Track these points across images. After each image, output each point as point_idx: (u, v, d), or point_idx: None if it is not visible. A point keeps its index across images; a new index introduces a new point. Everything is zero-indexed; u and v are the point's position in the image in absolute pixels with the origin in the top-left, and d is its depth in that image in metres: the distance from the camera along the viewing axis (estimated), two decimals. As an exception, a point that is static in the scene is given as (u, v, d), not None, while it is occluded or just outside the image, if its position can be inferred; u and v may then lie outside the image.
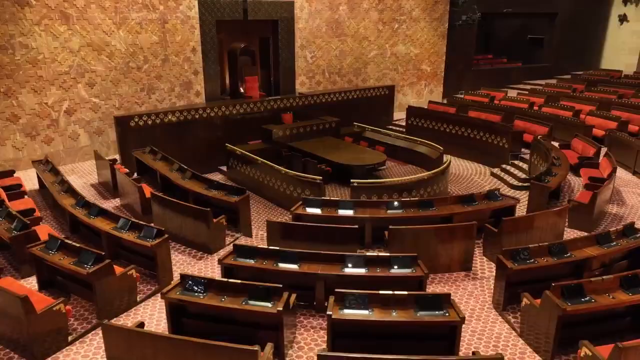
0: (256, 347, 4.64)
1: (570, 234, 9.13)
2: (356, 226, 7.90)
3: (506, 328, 6.57)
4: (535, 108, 16.89)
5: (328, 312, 5.44)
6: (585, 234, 8.56)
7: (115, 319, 6.60)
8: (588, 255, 7.03)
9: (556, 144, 13.99)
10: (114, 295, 6.59)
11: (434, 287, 7.60)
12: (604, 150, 13.14)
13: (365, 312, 5.51)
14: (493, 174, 13.58)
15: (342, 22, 17.40)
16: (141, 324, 5.44)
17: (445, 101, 19.00)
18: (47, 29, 12.23)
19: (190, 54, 14.81)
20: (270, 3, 15.80)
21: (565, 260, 6.91)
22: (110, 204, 10.75)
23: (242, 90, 16.44)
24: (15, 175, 10.94)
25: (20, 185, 10.07)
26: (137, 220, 7.89)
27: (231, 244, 9.00)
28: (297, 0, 16.30)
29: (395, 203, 8.84)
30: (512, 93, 19.35)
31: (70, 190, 9.16)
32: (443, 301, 5.59)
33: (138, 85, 14.02)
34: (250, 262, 6.83)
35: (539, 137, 14.16)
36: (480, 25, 24.08)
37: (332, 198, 9.34)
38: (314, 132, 14.91)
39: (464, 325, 6.58)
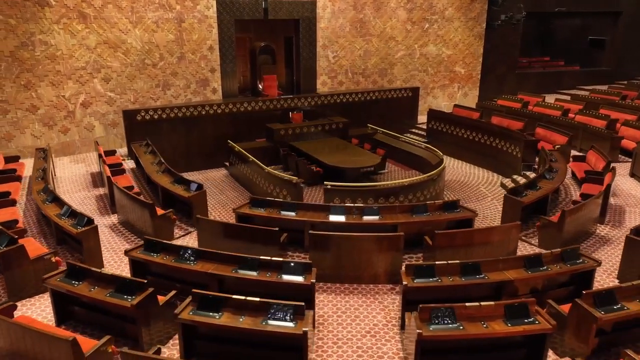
0: (70, 338, 4.75)
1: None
2: (276, 229, 7.77)
3: (395, 348, 6.16)
4: (571, 115, 15.53)
5: (175, 312, 5.44)
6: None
7: (27, 299, 7.04)
8: (505, 278, 6.40)
9: (576, 154, 12.92)
10: (28, 277, 7.01)
11: (349, 298, 7.29)
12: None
13: (215, 315, 5.43)
14: (503, 185, 12.72)
15: (367, 21, 17.06)
16: (11, 307, 5.75)
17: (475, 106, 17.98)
18: (66, 27, 13.21)
19: (207, 52, 15.27)
20: (292, 2, 15.87)
21: (474, 281, 6.34)
22: (96, 192, 11.42)
23: (260, 88, 16.68)
24: (20, 161, 11.97)
25: (15, 170, 10.98)
26: (76, 208, 8.32)
27: (180, 237, 9.31)
28: (319, 0, 16.23)
29: (338, 208, 8.57)
30: (557, 98, 17.90)
31: (44, 178, 9.85)
32: (296, 312, 5.37)
33: (153, 81, 14.71)
34: (154, 256, 6.96)
35: (556, 146, 13.15)
36: (537, 25, 22.58)
37: (276, 199, 9.22)
38: (320, 132, 14.79)
39: (353, 341, 6.33)
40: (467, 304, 5.36)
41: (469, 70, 18.76)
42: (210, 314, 5.44)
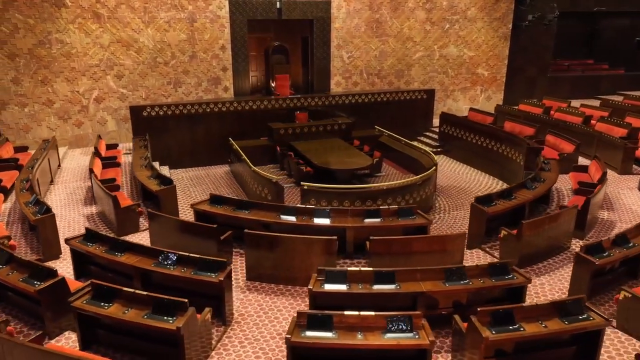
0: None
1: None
2: (214, 226, 7.83)
3: (297, 353, 6.05)
4: (593, 122, 14.52)
5: (69, 299, 5.64)
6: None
7: (-22, 280, 7.55)
8: (418, 289, 6.12)
9: (579, 164, 12.11)
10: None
11: (277, 298, 7.24)
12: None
13: (105, 306, 5.59)
14: (503, 193, 12.14)
15: (383, 21, 16.77)
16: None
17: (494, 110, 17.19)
18: (81, 27, 13.98)
19: (219, 52, 15.61)
20: (306, 2, 15.91)
21: (383, 290, 6.11)
22: (90, 184, 12.00)
23: (272, 87, 16.84)
24: (29, 151, 12.82)
25: (17, 160, 11.77)
26: (42, 198, 8.80)
27: (146, 229, 9.59)
28: (334, 0, 16.16)
29: (289, 209, 8.52)
30: (582, 104, 16.77)
31: (33, 168, 10.47)
32: (177, 309, 5.41)
33: (165, 79, 15.24)
34: (91, 246, 7.23)
35: (564, 154, 12.41)
36: (581, 26, 21.28)
37: (233, 197, 9.28)
38: (322, 132, 14.71)
39: (259, 342, 6.29)
40: (346, 313, 5.18)
41: (493, 73, 17.97)
42: (102, 304, 5.60)
